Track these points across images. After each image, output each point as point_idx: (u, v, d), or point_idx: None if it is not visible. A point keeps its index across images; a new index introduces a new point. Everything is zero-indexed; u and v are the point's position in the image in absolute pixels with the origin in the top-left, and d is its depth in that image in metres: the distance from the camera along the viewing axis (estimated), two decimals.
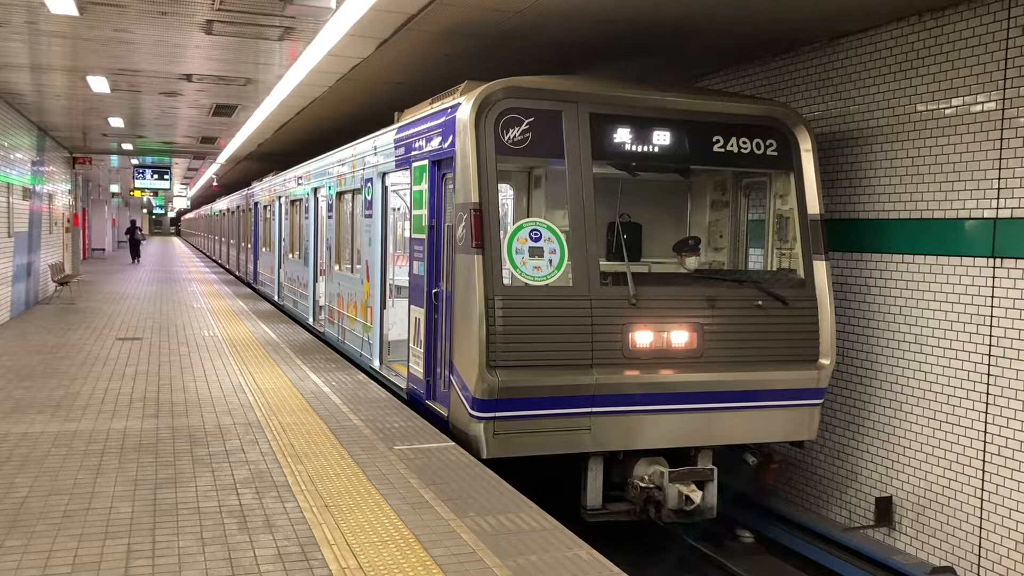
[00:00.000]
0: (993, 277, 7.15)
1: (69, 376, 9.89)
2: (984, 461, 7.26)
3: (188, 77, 12.30)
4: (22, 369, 10.27)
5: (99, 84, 12.96)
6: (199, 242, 60.09)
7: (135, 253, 37.64)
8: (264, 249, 22.30)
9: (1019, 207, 6.92)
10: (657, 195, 9.30)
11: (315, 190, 14.96)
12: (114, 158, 27.25)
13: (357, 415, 8.05)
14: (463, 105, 7.25)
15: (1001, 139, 7.07)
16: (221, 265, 36.88)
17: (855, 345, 8.60)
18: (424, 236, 8.40)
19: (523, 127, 7.17)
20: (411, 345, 8.87)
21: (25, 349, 11.85)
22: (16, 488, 5.76)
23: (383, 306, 10.28)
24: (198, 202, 68.14)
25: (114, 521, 5.15)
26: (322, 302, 14.32)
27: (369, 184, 10.81)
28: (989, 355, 7.20)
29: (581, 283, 7.14)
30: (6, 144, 15.22)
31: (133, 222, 40.62)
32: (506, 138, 7.13)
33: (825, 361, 7.78)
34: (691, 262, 8.58)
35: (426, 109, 8.78)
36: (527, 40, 9.13)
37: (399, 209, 10.74)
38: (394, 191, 10.39)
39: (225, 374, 10.11)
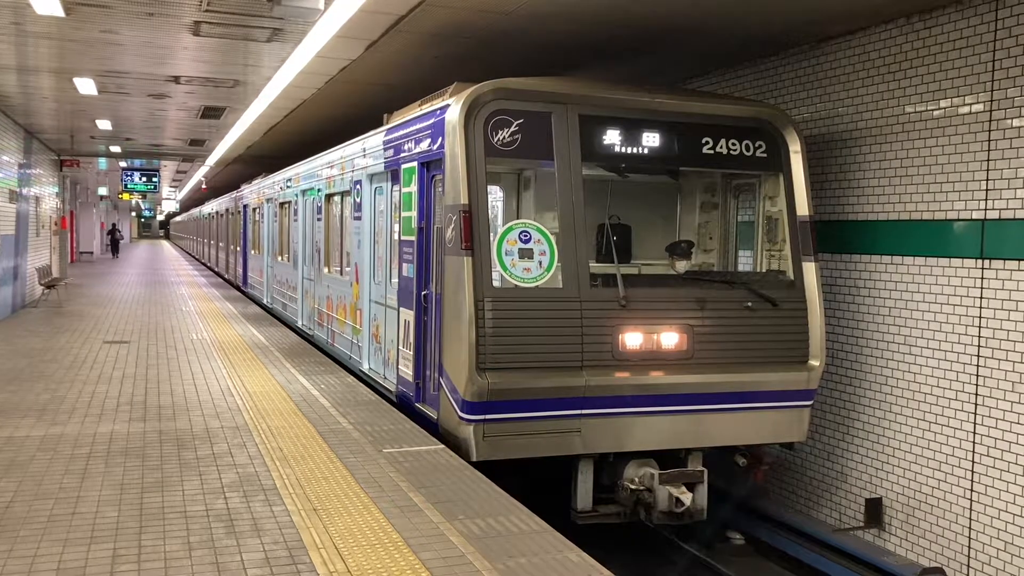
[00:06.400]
0: (982, 278, 7.17)
1: (56, 380, 9.81)
2: (973, 462, 7.28)
3: (176, 79, 12.25)
4: (8, 373, 10.19)
5: (86, 86, 12.88)
6: (188, 245, 59.91)
7: (115, 250, 47.28)
8: (253, 252, 22.23)
9: (1007, 208, 6.94)
10: (647, 197, 9.30)
11: (304, 192, 14.91)
12: (102, 161, 27.11)
13: (346, 418, 8.01)
14: (452, 106, 7.23)
15: (989, 140, 7.09)
16: (210, 268, 36.75)
17: (844, 346, 8.61)
18: (413, 238, 8.38)
19: (512, 128, 7.16)
20: (400, 347, 8.84)
21: (11, 353, 11.76)
22: (0, 492, 5.70)
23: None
24: (187, 205, 67.91)
25: (100, 526, 5.10)
26: (311, 304, 14.28)
27: (358, 186, 10.78)
28: (978, 356, 7.22)
29: (571, 285, 7.13)
30: None
31: (114, 225, 49.96)
32: (495, 139, 7.11)
33: (815, 362, 7.79)
34: (681, 265, 8.58)
35: (415, 111, 8.76)
36: (517, 42, 9.12)
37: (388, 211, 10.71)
38: (382, 193, 10.36)
39: (213, 377, 10.06)
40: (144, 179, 29.59)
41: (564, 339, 7.05)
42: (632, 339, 7.26)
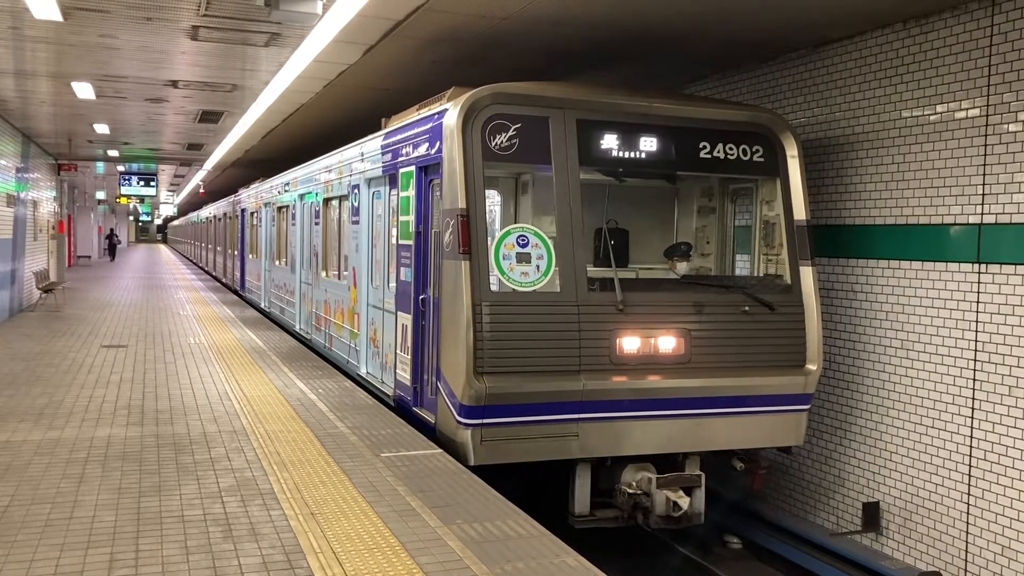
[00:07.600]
0: (978, 283, 7.19)
1: (53, 384, 9.80)
2: (970, 466, 7.28)
3: (174, 83, 12.25)
4: (5, 377, 10.18)
5: (84, 90, 12.88)
6: (186, 249, 59.95)
7: (112, 254, 49.48)
8: (251, 256, 22.22)
9: (1003, 213, 6.96)
10: (644, 201, 9.32)
11: (302, 197, 14.92)
12: (100, 165, 27.09)
13: (344, 422, 8.01)
14: (450, 111, 7.24)
15: (985, 145, 7.11)
16: (208, 272, 36.73)
17: (842, 350, 8.62)
18: (411, 242, 8.38)
19: (510, 133, 7.17)
20: (398, 351, 8.84)
21: (9, 356, 11.75)
22: None
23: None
24: (185, 209, 67.89)
25: (97, 530, 5.10)
26: (309, 309, 14.28)
27: (356, 191, 10.79)
28: (975, 360, 7.23)
29: (568, 289, 7.13)
30: None
31: (112, 230, 52.47)
32: (493, 144, 7.12)
33: (812, 366, 7.80)
34: (682, 267, 8.60)
35: (413, 115, 8.77)
36: (514, 46, 9.14)
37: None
38: (380, 197, 10.37)
39: (211, 381, 10.05)
40: (142, 183, 29.56)
41: (562, 343, 7.05)
42: (630, 343, 7.26)
